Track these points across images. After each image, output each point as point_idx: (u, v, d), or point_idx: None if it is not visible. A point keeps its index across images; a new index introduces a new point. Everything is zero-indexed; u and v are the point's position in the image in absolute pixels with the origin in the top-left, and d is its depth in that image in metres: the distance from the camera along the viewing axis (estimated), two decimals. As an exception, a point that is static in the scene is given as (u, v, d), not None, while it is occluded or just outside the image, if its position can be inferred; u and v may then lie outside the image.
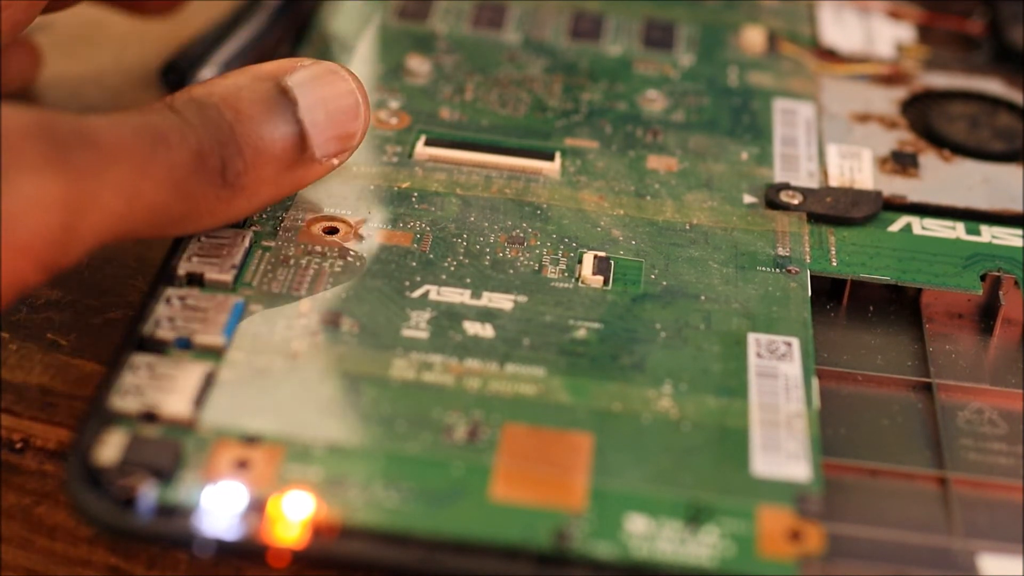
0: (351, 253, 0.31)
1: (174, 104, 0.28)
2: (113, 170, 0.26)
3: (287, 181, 0.30)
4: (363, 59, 0.38)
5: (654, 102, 0.38)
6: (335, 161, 0.31)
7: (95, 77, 0.40)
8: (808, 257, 0.32)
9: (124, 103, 0.39)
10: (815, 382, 0.29)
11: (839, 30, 0.42)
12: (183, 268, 0.30)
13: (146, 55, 0.40)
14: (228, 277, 0.30)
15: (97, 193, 0.26)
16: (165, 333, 0.28)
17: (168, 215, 0.28)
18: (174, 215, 0.28)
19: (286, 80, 0.30)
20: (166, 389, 0.27)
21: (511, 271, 0.31)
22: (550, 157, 0.35)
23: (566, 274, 0.31)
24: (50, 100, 0.39)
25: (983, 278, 0.32)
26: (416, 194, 0.33)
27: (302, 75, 0.30)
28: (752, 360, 0.29)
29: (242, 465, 0.26)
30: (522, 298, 0.30)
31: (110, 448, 0.26)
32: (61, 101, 0.39)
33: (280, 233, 0.31)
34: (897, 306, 0.33)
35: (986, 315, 0.33)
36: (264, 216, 0.32)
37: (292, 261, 0.31)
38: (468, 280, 0.31)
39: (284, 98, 0.29)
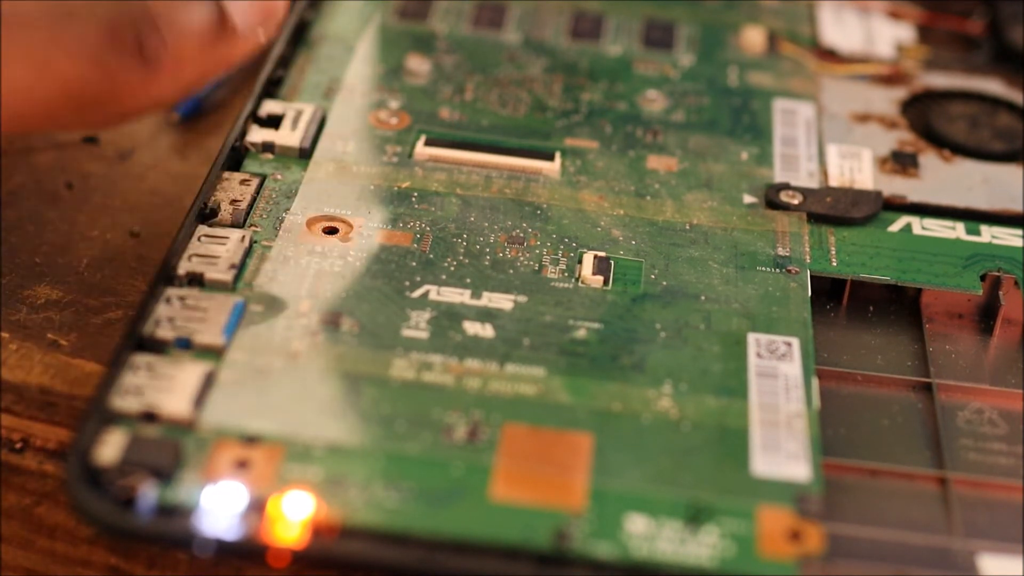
0: (351, 253, 0.31)
1: None
2: (18, 39, 0.26)
3: (213, 58, 0.29)
4: (363, 59, 0.38)
5: (654, 102, 0.38)
6: (260, 34, 0.30)
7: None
8: (808, 257, 0.32)
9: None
10: (815, 382, 0.29)
11: (839, 30, 0.42)
12: (183, 268, 0.30)
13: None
14: (228, 277, 0.30)
15: (4, 62, 0.26)
16: (165, 333, 0.28)
17: (86, 91, 0.27)
18: (93, 91, 0.28)
19: None
20: (166, 389, 0.27)
21: (511, 271, 0.31)
22: (550, 157, 0.35)
23: (566, 274, 0.31)
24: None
25: (983, 278, 0.32)
26: (416, 194, 0.33)
27: None
28: (752, 360, 0.29)
29: (242, 465, 0.26)
30: (522, 298, 0.30)
31: (110, 448, 0.26)
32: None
33: (280, 233, 0.31)
34: (897, 306, 0.33)
35: (986, 315, 0.33)
36: (264, 216, 0.32)
37: (292, 261, 0.31)
38: (468, 280, 0.31)
39: None
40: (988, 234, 0.34)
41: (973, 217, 0.34)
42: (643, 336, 0.30)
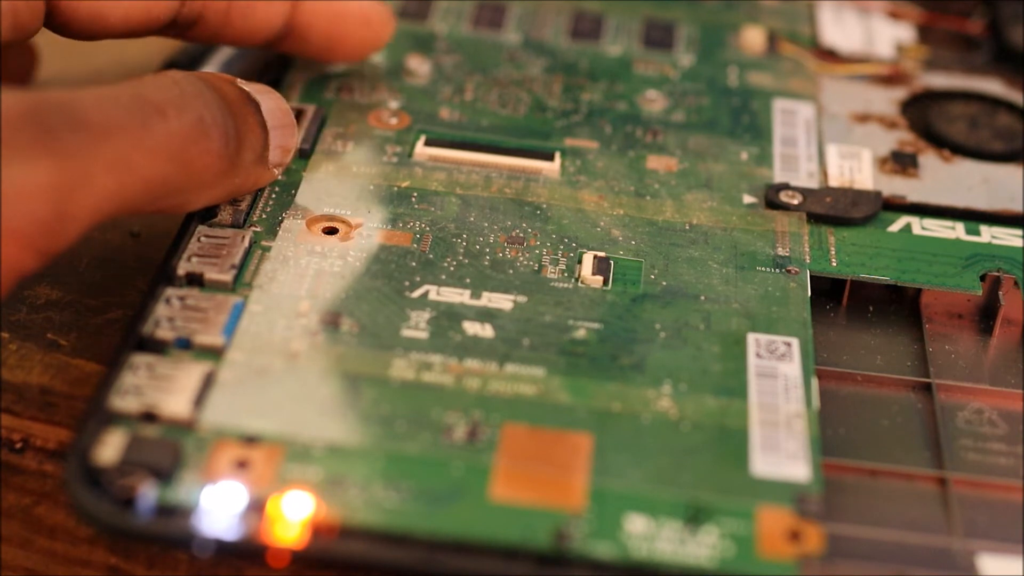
0: (351, 253, 0.31)
1: (173, 76, 0.28)
2: (104, 148, 0.26)
3: (253, 176, 0.31)
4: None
5: (654, 102, 0.38)
6: (276, 172, 0.32)
7: (95, 77, 0.40)
8: (808, 257, 0.32)
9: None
10: (815, 382, 0.29)
11: (839, 30, 0.42)
12: (183, 268, 0.30)
13: (146, 55, 0.40)
14: (228, 277, 0.30)
15: (88, 173, 0.26)
16: (165, 333, 0.28)
17: (165, 187, 0.28)
18: (172, 187, 0.28)
19: (243, 85, 0.30)
20: (166, 389, 0.27)
21: (511, 271, 0.31)
22: (550, 157, 0.35)
23: (566, 274, 0.31)
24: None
25: (983, 278, 0.32)
26: (416, 194, 0.33)
27: (251, 86, 0.31)
28: (752, 360, 0.29)
29: (242, 465, 0.26)
30: (522, 298, 0.30)
31: (110, 448, 0.26)
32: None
33: (280, 233, 0.31)
34: (897, 306, 0.33)
35: (986, 315, 0.33)
36: (264, 216, 0.32)
37: (292, 261, 0.31)
38: (468, 280, 0.31)
39: (251, 97, 0.30)
40: (988, 234, 0.34)
41: (973, 217, 0.34)
42: (643, 336, 0.30)
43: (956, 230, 0.34)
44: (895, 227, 0.34)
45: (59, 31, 0.32)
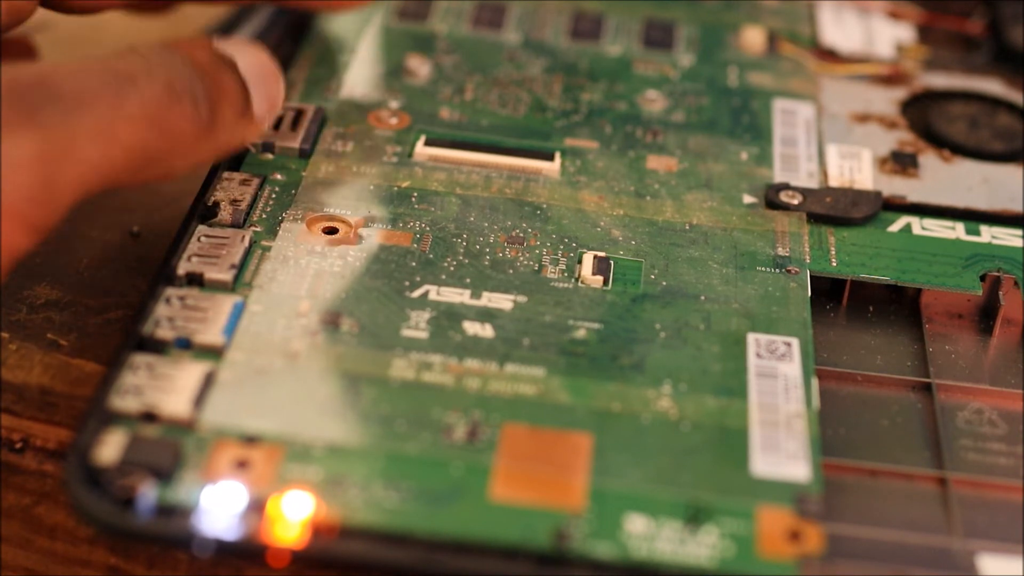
0: (351, 253, 0.31)
1: (136, 48, 0.29)
2: (82, 117, 0.26)
3: (238, 132, 0.30)
4: (363, 59, 0.38)
5: (654, 102, 0.38)
6: (265, 124, 0.31)
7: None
8: (808, 257, 0.32)
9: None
10: (815, 382, 0.29)
11: (839, 30, 0.42)
12: (183, 268, 0.30)
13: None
14: (228, 277, 0.30)
15: (70, 143, 0.26)
16: (165, 333, 0.28)
17: (147, 154, 0.28)
18: (153, 154, 0.28)
19: (216, 45, 0.30)
20: (166, 389, 0.27)
21: (511, 271, 0.31)
22: (550, 157, 0.35)
23: (566, 274, 0.31)
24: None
25: (983, 278, 0.32)
26: (416, 194, 0.33)
27: (228, 43, 0.31)
28: (752, 360, 0.29)
29: (242, 465, 0.26)
30: (522, 298, 0.30)
31: (110, 448, 0.26)
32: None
33: (280, 233, 0.31)
34: (897, 306, 0.33)
35: (986, 315, 0.33)
36: (264, 216, 0.32)
37: (292, 261, 0.31)
38: (468, 280, 0.31)
39: (224, 57, 0.30)
40: (988, 234, 0.34)
41: (973, 217, 0.34)
42: (643, 336, 0.30)
43: (956, 230, 0.34)
44: (895, 227, 0.34)
45: (56, 7, 0.32)
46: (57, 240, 0.34)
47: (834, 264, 0.33)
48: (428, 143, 0.35)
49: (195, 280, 0.30)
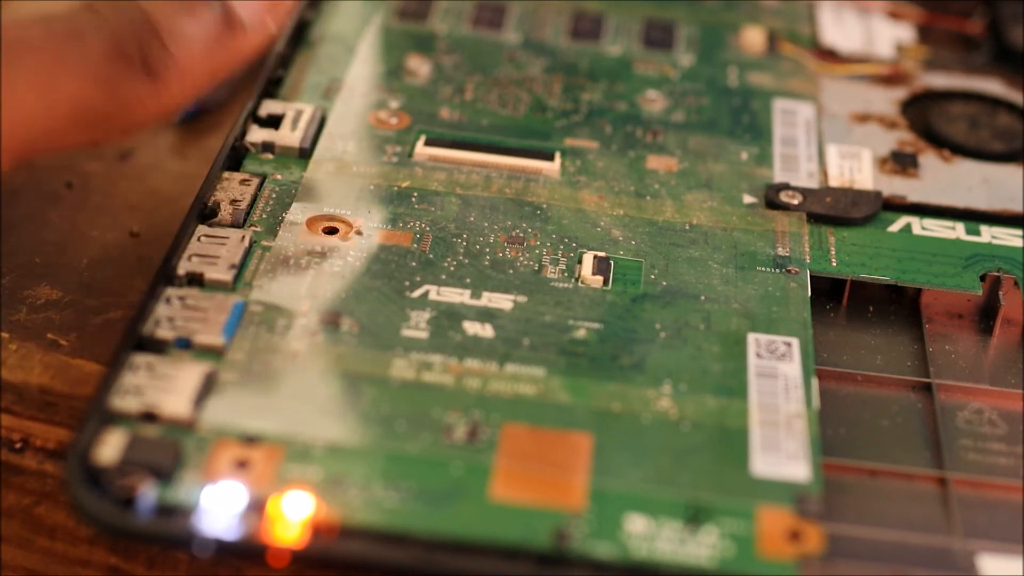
0: (351, 253, 0.31)
1: (92, 4, 0.28)
2: (24, 65, 0.26)
3: (222, 58, 0.30)
4: (363, 59, 0.38)
5: (654, 102, 0.38)
6: (270, 24, 0.30)
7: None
8: (808, 257, 0.32)
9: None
10: (815, 382, 0.29)
11: (839, 30, 0.42)
12: (183, 268, 0.30)
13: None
14: (228, 277, 0.30)
15: (11, 90, 0.26)
16: (165, 333, 0.28)
17: (94, 110, 0.28)
18: (101, 109, 0.28)
19: None
20: (166, 389, 0.27)
21: (511, 271, 0.31)
22: (550, 157, 0.35)
23: (566, 274, 0.31)
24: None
25: (983, 278, 0.32)
26: (416, 194, 0.33)
27: None
28: (752, 360, 0.29)
29: (242, 465, 0.26)
30: (522, 298, 0.30)
31: (110, 448, 0.26)
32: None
33: (280, 233, 0.31)
34: (897, 306, 0.33)
35: (986, 315, 0.33)
36: (264, 216, 0.32)
37: (292, 261, 0.31)
38: (468, 280, 0.31)
39: None
40: (988, 234, 0.34)
41: (973, 217, 0.34)
42: (643, 336, 0.30)
43: (956, 230, 0.34)
44: (895, 227, 0.34)
45: None
46: (57, 240, 0.34)
47: (834, 264, 0.33)
48: (428, 143, 0.35)
49: (195, 280, 0.30)
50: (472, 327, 0.30)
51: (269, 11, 0.30)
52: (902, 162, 0.36)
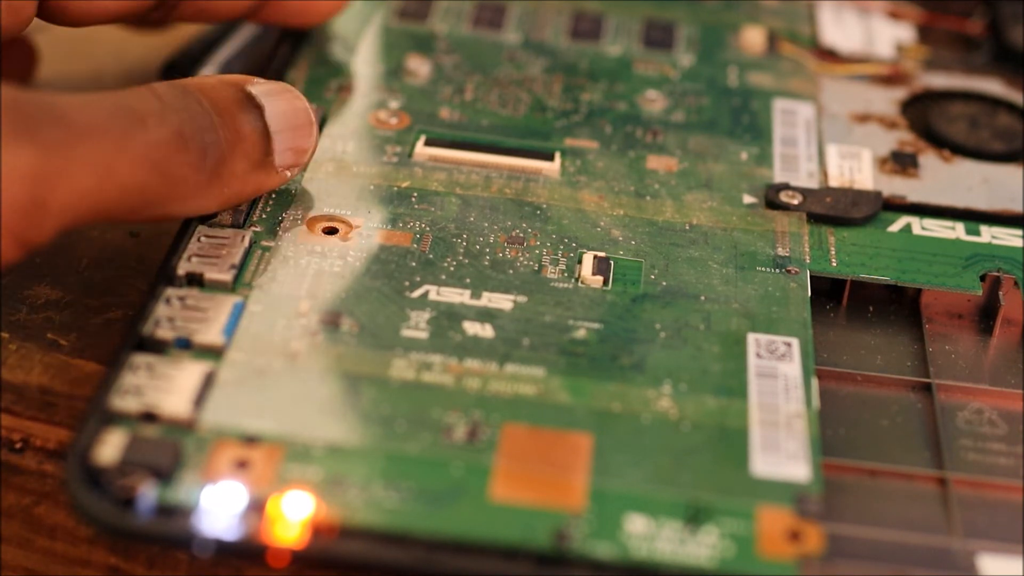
0: (351, 253, 0.31)
1: (155, 89, 0.29)
2: (84, 146, 0.26)
3: (251, 182, 0.30)
4: (363, 59, 0.38)
5: (654, 102, 0.38)
6: (288, 174, 0.31)
7: (95, 77, 0.40)
8: (808, 257, 0.32)
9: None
10: (815, 382, 0.29)
11: (839, 30, 0.42)
12: (183, 268, 0.30)
13: (146, 55, 0.40)
14: (228, 277, 0.30)
15: (67, 168, 0.26)
16: (165, 333, 0.28)
17: (144, 196, 0.28)
18: (151, 196, 0.28)
19: (249, 88, 0.30)
20: (166, 389, 0.27)
21: (511, 271, 0.31)
22: (550, 157, 0.35)
23: (566, 274, 0.31)
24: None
25: (983, 278, 0.32)
26: (416, 194, 0.33)
27: (263, 87, 0.31)
28: (752, 360, 0.29)
29: (242, 465, 0.26)
30: (522, 298, 0.30)
31: (110, 448, 0.26)
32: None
33: (280, 233, 0.31)
34: (897, 306, 0.33)
35: (986, 315, 0.33)
36: (264, 216, 0.32)
37: (292, 261, 0.31)
38: (468, 280, 0.31)
39: (252, 102, 0.30)
40: (988, 234, 0.34)
41: (973, 217, 0.34)
42: (643, 336, 0.30)
43: (956, 230, 0.34)
44: (895, 227, 0.34)
45: (51, 19, 0.32)
46: (57, 240, 0.34)
47: (834, 264, 0.33)
48: (428, 143, 0.35)
49: (195, 280, 0.30)
50: (472, 327, 0.30)
51: (294, 162, 0.31)
52: (902, 162, 0.36)
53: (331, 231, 0.32)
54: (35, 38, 0.38)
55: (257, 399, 0.27)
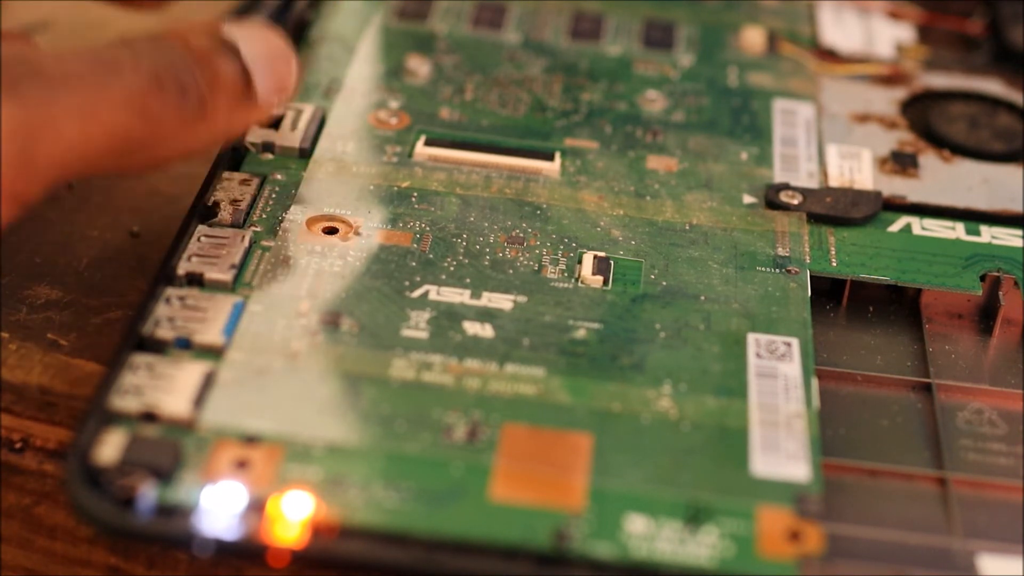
0: (351, 253, 0.31)
1: (127, 39, 0.29)
2: (64, 96, 0.27)
3: (237, 118, 0.30)
4: (363, 59, 0.38)
5: (654, 102, 0.38)
6: (272, 108, 0.31)
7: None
8: (808, 257, 0.32)
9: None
10: (815, 382, 0.29)
11: (839, 30, 0.42)
12: (183, 268, 0.30)
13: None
14: (228, 277, 0.30)
15: (50, 119, 0.26)
16: (165, 333, 0.28)
17: (129, 140, 0.28)
18: (136, 139, 0.28)
19: (225, 30, 0.30)
20: (166, 389, 0.27)
21: (511, 271, 0.31)
22: (550, 157, 0.35)
23: (566, 274, 0.31)
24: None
25: (983, 278, 0.32)
26: (416, 194, 0.33)
27: (237, 26, 0.31)
28: (752, 360, 0.29)
29: (242, 465, 0.26)
30: (522, 298, 0.30)
31: (110, 448, 0.26)
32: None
33: (280, 233, 0.31)
34: (897, 306, 0.33)
35: (986, 315, 0.33)
36: (264, 216, 0.32)
37: (292, 261, 0.31)
38: (468, 280, 0.31)
39: (227, 43, 0.30)
40: (988, 234, 0.34)
41: (973, 217, 0.34)
42: (643, 336, 0.30)
43: (956, 230, 0.34)
44: (895, 227, 0.34)
45: None
46: (57, 240, 0.34)
47: (834, 264, 0.33)
48: (428, 143, 0.35)
49: (195, 280, 0.30)
50: (472, 327, 0.30)
51: (277, 90, 0.31)
52: (902, 162, 0.36)
53: (331, 231, 0.32)
54: (36, 39, 0.38)
55: (257, 399, 0.27)
